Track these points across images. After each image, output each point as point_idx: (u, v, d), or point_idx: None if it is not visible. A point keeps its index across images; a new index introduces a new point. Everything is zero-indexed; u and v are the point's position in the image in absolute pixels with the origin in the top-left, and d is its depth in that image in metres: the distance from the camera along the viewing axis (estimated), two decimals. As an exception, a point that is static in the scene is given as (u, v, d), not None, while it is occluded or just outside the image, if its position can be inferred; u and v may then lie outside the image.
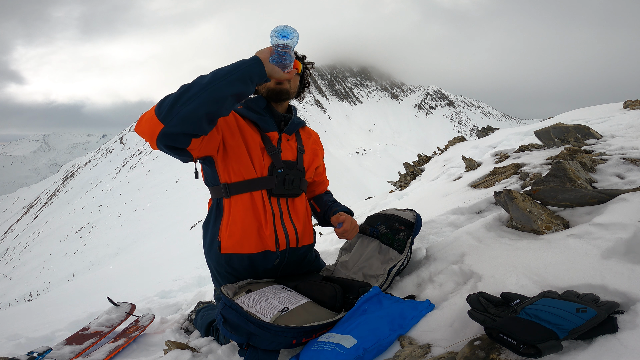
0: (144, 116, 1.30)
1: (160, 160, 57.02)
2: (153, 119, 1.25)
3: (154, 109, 1.27)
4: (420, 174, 5.70)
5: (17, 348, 2.48)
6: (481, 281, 1.33)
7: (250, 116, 1.62)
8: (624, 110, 4.51)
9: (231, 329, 1.31)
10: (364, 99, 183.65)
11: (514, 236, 1.55)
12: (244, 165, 1.56)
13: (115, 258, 25.08)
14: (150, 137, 1.27)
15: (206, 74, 1.29)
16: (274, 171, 1.60)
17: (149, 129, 1.27)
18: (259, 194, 1.57)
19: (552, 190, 1.60)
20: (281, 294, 1.46)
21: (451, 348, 1.07)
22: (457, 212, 2.28)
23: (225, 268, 1.63)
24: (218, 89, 1.25)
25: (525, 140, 4.27)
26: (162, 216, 33.96)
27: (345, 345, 1.17)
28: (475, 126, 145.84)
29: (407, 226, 1.76)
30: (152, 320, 2.46)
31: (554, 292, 1.04)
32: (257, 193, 1.57)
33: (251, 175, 1.57)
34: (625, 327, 0.89)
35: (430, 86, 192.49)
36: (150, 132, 1.27)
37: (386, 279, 1.63)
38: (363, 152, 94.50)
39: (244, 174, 1.56)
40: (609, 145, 2.61)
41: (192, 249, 9.79)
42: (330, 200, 1.92)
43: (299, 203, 1.71)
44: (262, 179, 1.57)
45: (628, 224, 1.25)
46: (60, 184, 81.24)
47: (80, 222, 45.44)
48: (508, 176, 2.65)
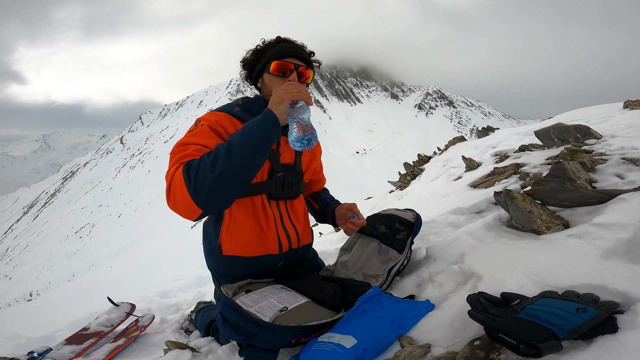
0: (177, 193, 1.27)
1: (160, 160, 57.04)
2: (191, 204, 1.26)
3: (184, 185, 1.24)
4: (420, 174, 5.70)
5: (17, 348, 2.48)
6: (481, 281, 1.33)
7: (248, 119, 1.57)
8: (624, 110, 4.51)
9: (231, 329, 1.31)
10: (364, 99, 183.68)
11: (514, 236, 1.55)
12: None
13: (115, 258, 25.07)
14: (189, 217, 1.32)
15: (234, 149, 1.27)
16: (273, 175, 1.59)
17: (188, 212, 1.29)
18: (258, 198, 1.57)
19: (552, 190, 1.60)
20: (280, 294, 1.46)
21: (451, 348, 1.07)
22: (457, 212, 2.28)
23: (225, 270, 1.63)
24: (248, 171, 1.30)
25: (525, 140, 4.28)
26: (162, 216, 33.97)
27: (345, 345, 1.17)
28: (475, 126, 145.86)
29: (407, 226, 1.76)
30: (152, 320, 2.46)
31: (554, 292, 1.04)
32: (257, 197, 1.57)
33: (255, 179, 1.56)
34: (625, 327, 0.89)
35: (430, 86, 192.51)
36: (188, 213, 1.30)
37: (386, 279, 1.62)
38: (363, 152, 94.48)
39: None
40: (609, 145, 2.61)
41: (192, 249, 9.79)
42: (329, 197, 1.92)
43: (298, 204, 1.71)
44: (261, 183, 1.57)
45: (628, 224, 1.25)
46: (60, 184, 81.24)
47: (80, 222, 45.44)
48: (508, 176, 2.65)
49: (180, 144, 1.41)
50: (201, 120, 1.51)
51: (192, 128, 1.49)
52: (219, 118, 1.52)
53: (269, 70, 1.58)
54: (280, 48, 1.59)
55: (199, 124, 1.49)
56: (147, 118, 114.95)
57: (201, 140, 1.41)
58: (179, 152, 1.38)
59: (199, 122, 1.51)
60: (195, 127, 1.48)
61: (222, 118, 1.53)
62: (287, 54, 1.57)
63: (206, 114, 1.56)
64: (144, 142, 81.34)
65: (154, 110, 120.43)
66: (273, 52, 1.59)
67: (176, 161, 1.34)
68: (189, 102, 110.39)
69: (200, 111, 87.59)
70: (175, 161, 1.35)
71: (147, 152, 68.23)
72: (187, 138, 1.43)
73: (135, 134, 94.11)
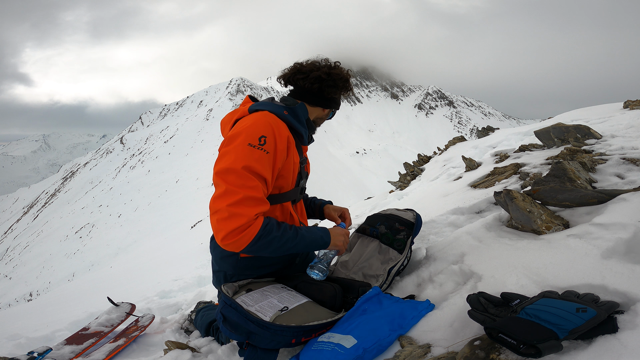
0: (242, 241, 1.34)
1: (160, 160, 57.08)
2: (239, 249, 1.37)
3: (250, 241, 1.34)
4: (420, 174, 5.70)
5: (17, 348, 2.48)
6: (481, 281, 1.33)
7: (298, 128, 1.57)
8: (624, 110, 4.50)
9: (231, 328, 1.31)
10: (364, 99, 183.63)
11: (514, 236, 1.55)
12: (287, 181, 1.57)
13: (115, 258, 25.08)
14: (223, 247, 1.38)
15: (296, 245, 1.46)
16: (300, 182, 1.66)
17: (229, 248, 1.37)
18: (288, 204, 1.62)
19: (552, 190, 1.60)
20: (281, 293, 1.46)
21: (451, 348, 1.07)
22: (457, 212, 2.28)
23: (241, 271, 1.62)
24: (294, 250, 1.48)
25: (525, 140, 4.27)
26: (162, 216, 33.97)
27: (345, 345, 1.17)
28: (475, 126, 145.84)
29: (407, 226, 1.76)
30: (152, 320, 2.45)
31: (554, 292, 1.04)
32: (287, 204, 1.62)
33: (288, 189, 1.60)
34: (625, 327, 0.89)
35: (430, 86, 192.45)
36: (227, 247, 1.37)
37: (386, 279, 1.62)
38: (363, 152, 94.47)
39: (283, 188, 1.58)
40: (609, 145, 2.61)
41: (192, 249, 9.78)
42: (308, 195, 1.98)
43: (299, 205, 1.79)
44: (292, 191, 1.62)
45: (628, 224, 1.25)
46: (60, 184, 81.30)
47: (80, 222, 45.45)
48: (508, 176, 2.65)
49: (247, 167, 1.35)
50: (266, 136, 1.41)
51: (255, 143, 1.39)
52: (279, 131, 1.46)
53: (327, 110, 1.70)
54: (342, 97, 1.72)
55: (264, 144, 1.40)
56: (147, 118, 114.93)
57: (267, 174, 1.40)
58: (245, 182, 1.34)
59: (263, 139, 1.41)
60: (260, 146, 1.39)
61: (280, 130, 1.47)
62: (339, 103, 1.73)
63: (264, 116, 1.47)
64: (144, 142, 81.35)
65: (154, 110, 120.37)
66: (339, 103, 1.72)
67: (245, 197, 1.32)
68: (189, 102, 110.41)
69: (200, 111, 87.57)
70: (243, 195, 1.32)
71: (147, 152, 68.21)
72: (251, 162, 1.36)
73: (135, 134, 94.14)
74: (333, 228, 1.63)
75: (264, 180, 1.40)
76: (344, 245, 1.62)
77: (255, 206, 1.34)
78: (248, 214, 1.32)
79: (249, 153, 1.37)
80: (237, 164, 1.34)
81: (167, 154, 61.12)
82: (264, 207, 1.38)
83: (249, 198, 1.33)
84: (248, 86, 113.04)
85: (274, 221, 1.43)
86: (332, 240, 1.57)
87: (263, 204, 1.38)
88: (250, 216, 1.32)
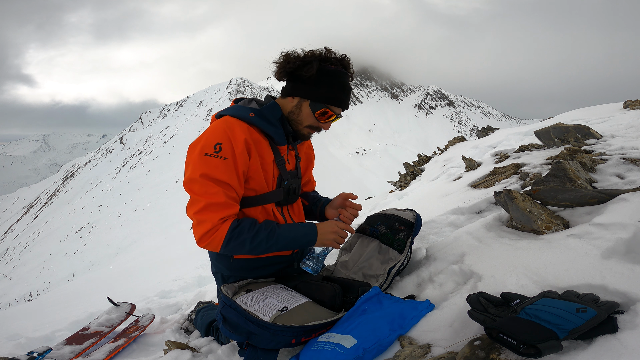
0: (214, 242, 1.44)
1: (160, 160, 57.07)
2: (216, 249, 1.46)
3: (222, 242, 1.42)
4: (420, 174, 5.70)
5: (17, 348, 2.48)
6: (481, 281, 1.33)
7: (266, 128, 1.53)
8: (624, 110, 4.50)
9: (231, 328, 1.31)
10: (364, 99, 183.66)
11: (514, 236, 1.55)
12: (258, 182, 1.56)
13: (115, 258, 25.07)
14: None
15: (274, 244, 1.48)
16: (282, 183, 1.63)
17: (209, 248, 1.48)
18: (269, 206, 1.60)
19: (552, 190, 1.60)
20: (281, 294, 1.46)
21: (451, 348, 1.07)
22: (457, 212, 2.28)
23: (237, 272, 1.64)
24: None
25: (525, 140, 4.27)
26: (162, 216, 33.98)
27: (345, 345, 1.17)
28: (475, 126, 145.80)
29: (407, 226, 1.76)
30: (152, 320, 2.45)
31: (554, 292, 1.04)
32: (268, 206, 1.60)
33: (264, 190, 1.58)
34: (625, 327, 0.89)
35: (430, 86, 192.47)
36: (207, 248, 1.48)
37: (386, 279, 1.62)
38: (363, 152, 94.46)
39: (258, 189, 1.57)
40: (609, 145, 2.61)
41: (192, 249, 9.79)
42: (319, 196, 1.95)
43: (297, 207, 1.76)
44: (272, 192, 1.60)
45: (628, 224, 1.25)
46: (60, 184, 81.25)
47: (80, 222, 45.45)
48: (508, 176, 2.65)
49: (205, 175, 1.39)
50: (222, 143, 1.42)
51: (211, 152, 1.41)
52: (234, 135, 1.44)
53: (314, 105, 1.52)
54: (336, 90, 1.52)
55: (219, 151, 1.41)
56: (147, 118, 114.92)
57: (228, 179, 1.42)
58: (206, 189, 1.40)
59: (219, 146, 1.42)
60: (216, 153, 1.41)
61: (235, 134, 1.45)
62: (337, 101, 1.53)
63: (221, 123, 1.48)
64: (144, 142, 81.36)
65: (154, 110, 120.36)
66: (328, 90, 1.50)
67: (207, 204, 1.39)
68: (189, 102, 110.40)
69: (200, 111, 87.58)
70: (205, 202, 1.39)
71: (147, 152, 68.23)
72: (208, 170, 1.39)
73: (135, 134, 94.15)
74: (323, 223, 1.58)
75: (228, 185, 1.43)
76: (333, 242, 1.55)
77: (219, 211, 1.41)
78: (212, 219, 1.40)
79: (205, 162, 1.41)
80: (195, 174, 1.41)
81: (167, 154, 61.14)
82: (229, 210, 1.43)
83: (211, 204, 1.40)
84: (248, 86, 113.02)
85: (247, 223, 1.46)
86: (319, 237, 1.54)
87: (228, 207, 1.43)
88: (214, 221, 1.40)
